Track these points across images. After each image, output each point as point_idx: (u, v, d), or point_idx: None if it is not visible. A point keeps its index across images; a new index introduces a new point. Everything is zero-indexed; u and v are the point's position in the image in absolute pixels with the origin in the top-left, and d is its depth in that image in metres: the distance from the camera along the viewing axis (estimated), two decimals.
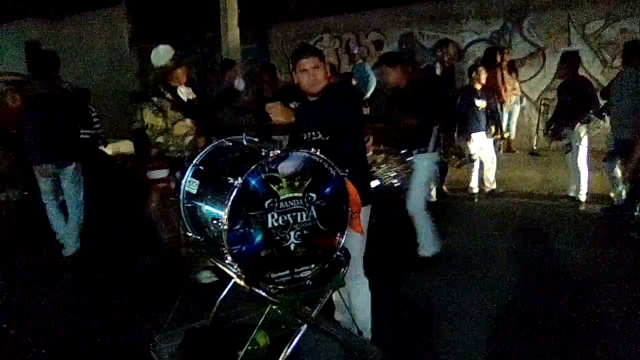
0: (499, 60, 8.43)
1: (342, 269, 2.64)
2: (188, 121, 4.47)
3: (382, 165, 4.69)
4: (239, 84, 5.57)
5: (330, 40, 11.64)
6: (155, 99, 4.40)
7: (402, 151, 4.71)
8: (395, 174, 4.63)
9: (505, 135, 8.14)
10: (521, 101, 9.26)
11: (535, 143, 9.20)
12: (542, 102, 9.21)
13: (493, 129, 6.77)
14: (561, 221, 5.88)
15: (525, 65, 9.49)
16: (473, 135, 6.71)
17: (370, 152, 6.03)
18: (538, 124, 9.05)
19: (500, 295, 4.07)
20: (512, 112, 9.08)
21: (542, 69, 9.43)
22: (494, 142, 7.13)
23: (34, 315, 4.14)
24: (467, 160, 6.96)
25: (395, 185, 4.61)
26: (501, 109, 8.13)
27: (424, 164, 4.69)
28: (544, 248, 5.09)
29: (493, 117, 6.82)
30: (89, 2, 12.43)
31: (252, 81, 8.12)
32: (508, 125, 8.95)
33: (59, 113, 5.01)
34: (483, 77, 6.76)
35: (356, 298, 3.09)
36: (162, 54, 4.48)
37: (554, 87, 7.73)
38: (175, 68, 4.47)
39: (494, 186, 6.97)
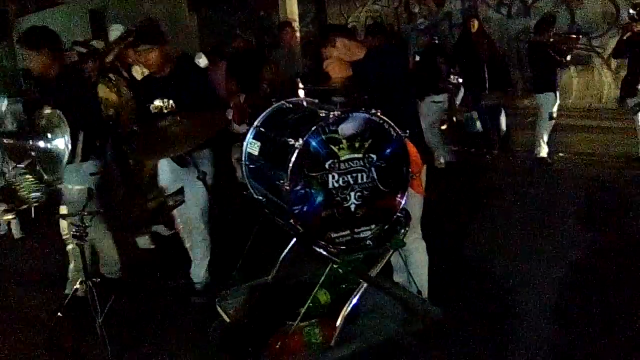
0: None
1: (402, 230, 2.65)
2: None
3: None
4: (201, 59, 5.14)
5: None
6: (112, 75, 4.39)
7: None
8: None
9: None
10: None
11: (606, 102, 8.74)
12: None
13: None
14: (633, 184, 5.62)
15: (598, 19, 8.94)
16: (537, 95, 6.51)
17: None
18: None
19: (559, 257, 3.95)
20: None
21: (615, 22, 8.86)
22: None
23: None
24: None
25: None
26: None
27: None
28: (612, 211, 4.88)
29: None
30: None
31: (310, 45, 8.05)
32: None
33: None
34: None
35: (414, 259, 3.09)
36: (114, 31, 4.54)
37: None
38: (127, 47, 4.32)
39: (544, 151, 6.59)
